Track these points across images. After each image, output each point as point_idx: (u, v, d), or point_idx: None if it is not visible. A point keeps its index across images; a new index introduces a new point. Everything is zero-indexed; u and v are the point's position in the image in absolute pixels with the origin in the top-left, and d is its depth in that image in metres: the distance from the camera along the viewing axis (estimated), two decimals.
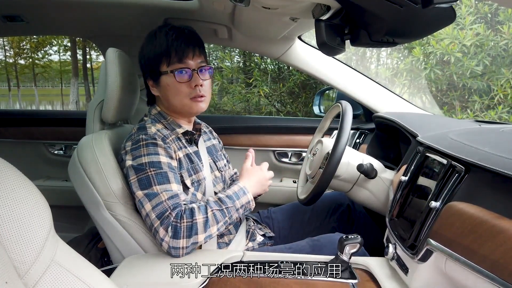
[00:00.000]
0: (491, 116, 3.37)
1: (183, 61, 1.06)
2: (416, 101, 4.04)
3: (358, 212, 1.37)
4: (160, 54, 1.06)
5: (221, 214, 0.99)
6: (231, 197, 1.03)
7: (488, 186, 0.68)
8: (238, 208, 1.03)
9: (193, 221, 0.95)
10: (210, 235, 0.98)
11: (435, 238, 0.72)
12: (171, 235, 0.94)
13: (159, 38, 1.07)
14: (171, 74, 1.06)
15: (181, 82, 1.07)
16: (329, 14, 0.90)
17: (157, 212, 0.96)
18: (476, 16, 3.53)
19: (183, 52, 1.06)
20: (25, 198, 0.52)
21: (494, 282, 0.56)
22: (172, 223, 0.94)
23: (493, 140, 0.98)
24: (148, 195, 0.98)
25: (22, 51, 22.39)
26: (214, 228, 0.98)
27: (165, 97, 1.11)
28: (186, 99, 1.09)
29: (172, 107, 1.13)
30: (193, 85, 1.08)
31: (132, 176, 1.01)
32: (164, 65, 1.07)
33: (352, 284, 0.87)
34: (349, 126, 1.10)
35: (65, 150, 2.12)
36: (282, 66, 5.20)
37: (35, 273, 0.51)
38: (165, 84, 1.08)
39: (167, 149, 1.04)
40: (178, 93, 1.08)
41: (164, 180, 0.99)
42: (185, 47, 1.06)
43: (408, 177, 0.96)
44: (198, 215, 0.96)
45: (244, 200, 1.05)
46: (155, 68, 1.08)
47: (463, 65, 3.50)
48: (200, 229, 0.95)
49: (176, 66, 1.06)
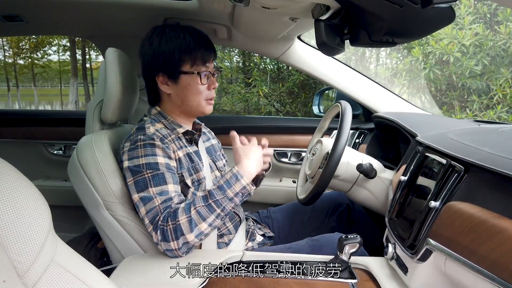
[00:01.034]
0: (490, 116, 3.37)
1: (206, 65, 1.10)
2: (416, 101, 4.05)
3: (357, 212, 1.37)
4: (185, 52, 1.06)
5: (208, 210, 0.95)
6: (222, 187, 0.98)
7: (487, 186, 0.68)
8: (232, 197, 0.98)
9: (176, 223, 0.93)
10: (201, 233, 0.95)
11: (434, 238, 0.72)
12: (160, 238, 0.94)
13: (184, 36, 1.06)
14: (196, 75, 1.08)
15: (203, 84, 1.10)
16: (328, 14, 0.90)
17: (150, 217, 0.96)
18: (475, 16, 3.53)
19: (207, 55, 1.09)
20: (24, 198, 0.52)
21: (494, 282, 0.57)
22: (159, 227, 0.94)
23: (492, 140, 0.98)
24: (143, 199, 0.98)
25: (21, 51, 22.38)
26: (203, 225, 0.94)
27: (182, 96, 1.11)
28: (203, 100, 1.12)
29: (184, 106, 1.13)
30: (211, 88, 1.12)
31: (129, 178, 1.01)
32: (187, 64, 1.07)
33: (351, 284, 0.87)
34: (348, 126, 1.10)
35: (65, 150, 2.12)
36: (282, 66, 5.20)
37: (34, 273, 0.51)
38: (186, 83, 1.09)
39: (165, 149, 1.04)
40: (197, 94, 1.10)
41: (161, 182, 0.99)
42: (208, 50, 1.10)
43: (407, 177, 0.96)
44: (181, 216, 0.94)
45: (238, 187, 0.99)
46: (175, 66, 1.07)
47: (462, 65, 3.50)
48: (185, 230, 0.93)
49: (201, 68, 1.09)
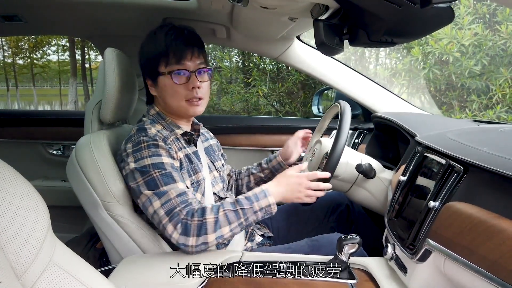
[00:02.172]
0: (489, 115, 3.38)
1: (181, 63, 1.05)
2: (415, 101, 4.05)
3: (357, 212, 1.37)
4: (159, 54, 1.05)
5: (235, 215, 0.96)
6: (250, 199, 0.99)
7: (486, 186, 0.68)
8: (257, 211, 0.98)
9: (203, 220, 0.94)
10: (221, 236, 0.95)
11: (433, 238, 0.71)
12: (180, 231, 0.94)
13: (159, 38, 1.06)
14: (168, 76, 1.06)
15: (179, 83, 1.06)
16: (327, 14, 0.90)
17: (166, 209, 0.96)
18: (475, 16, 3.53)
19: (181, 53, 1.05)
20: (22, 198, 0.51)
21: (493, 282, 0.56)
22: (182, 220, 0.94)
23: (492, 140, 0.98)
24: (157, 193, 0.98)
25: (20, 51, 22.36)
26: (226, 228, 0.95)
27: (162, 97, 1.11)
28: (182, 101, 1.08)
29: (168, 108, 1.13)
30: (190, 87, 1.07)
31: (139, 179, 1.00)
32: (162, 65, 1.06)
33: (350, 284, 0.87)
34: (348, 126, 1.10)
35: (63, 150, 2.12)
36: (281, 66, 5.20)
37: (32, 274, 0.51)
38: (163, 85, 1.08)
39: (169, 150, 1.04)
40: (174, 95, 1.08)
41: (170, 180, 0.99)
42: (184, 47, 1.05)
43: (407, 177, 0.96)
44: (209, 214, 0.95)
45: (264, 203, 0.98)
46: (153, 68, 1.08)
47: (461, 65, 3.51)
48: (209, 229, 0.93)
49: (173, 68, 1.05)
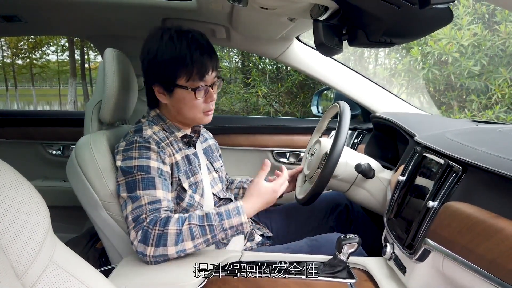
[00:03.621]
0: (488, 116, 3.38)
1: (204, 79, 1.04)
2: (414, 101, 4.05)
3: (356, 212, 1.38)
4: (181, 65, 1.01)
5: (200, 230, 0.92)
6: (221, 215, 0.95)
7: (485, 186, 0.68)
8: (226, 229, 0.94)
9: (164, 231, 0.90)
10: (183, 250, 0.91)
11: (432, 238, 0.72)
12: (139, 239, 0.91)
13: (179, 46, 1.00)
14: (190, 91, 1.04)
15: (199, 99, 1.06)
16: (327, 15, 0.90)
17: (134, 215, 0.95)
18: (474, 16, 3.54)
19: (205, 69, 1.03)
20: (23, 198, 0.51)
21: (491, 282, 0.57)
22: (144, 227, 0.92)
23: (491, 140, 0.98)
24: (131, 197, 0.97)
25: (20, 51, 22.32)
26: (189, 243, 0.91)
27: (177, 108, 1.09)
28: (199, 113, 1.09)
29: (181, 118, 1.12)
30: (208, 101, 1.09)
31: (120, 178, 1.01)
32: (183, 79, 1.03)
33: (350, 284, 0.87)
34: (347, 126, 1.10)
35: (63, 150, 2.12)
36: (281, 66, 5.20)
37: (33, 273, 0.51)
38: (181, 97, 1.06)
39: (160, 154, 1.03)
40: (193, 108, 1.07)
41: (149, 186, 0.98)
42: (207, 63, 1.03)
43: (406, 177, 0.96)
44: (172, 225, 0.91)
45: (236, 221, 0.95)
46: (170, 78, 1.03)
47: (460, 65, 3.51)
48: (170, 241, 0.90)
49: (196, 84, 1.03)
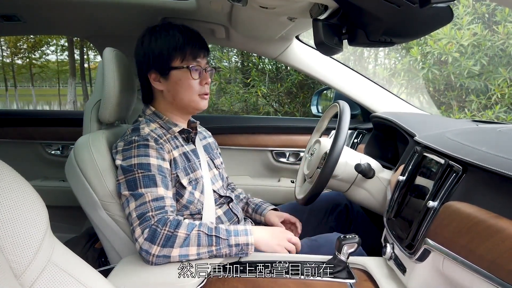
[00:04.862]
0: (488, 115, 3.38)
1: (197, 60, 1.11)
2: (414, 101, 4.05)
3: (356, 212, 1.37)
4: (175, 49, 1.08)
5: (207, 240, 0.94)
6: (229, 231, 0.97)
7: (485, 186, 0.68)
8: (232, 245, 0.95)
9: (174, 233, 0.92)
10: (186, 255, 0.92)
11: (432, 238, 0.72)
12: (146, 237, 0.91)
13: (174, 34, 1.09)
14: (186, 70, 1.09)
15: (194, 78, 1.10)
16: (326, 14, 0.90)
17: (139, 212, 0.95)
18: (474, 16, 3.54)
19: (197, 52, 1.11)
20: (21, 198, 0.51)
21: (492, 282, 0.56)
22: (152, 226, 0.92)
23: (491, 140, 0.98)
24: (133, 195, 0.98)
25: (19, 50, 22.32)
26: (193, 249, 0.92)
27: (174, 91, 1.12)
28: (195, 95, 1.12)
29: (177, 102, 1.13)
30: (203, 83, 1.13)
31: (121, 176, 1.01)
32: (177, 60, 1.09)
33: (350, 284, 0.87)
34: (347, 126, 1.10)
35: (62, 150, 2.11)
36: (280, 66, 5.20)
37: (31, 273, 0.50)
38: (176, 79, 1.10)
39: (159, 150, 1.04)
40: (189, 89, 1.11)
41: (150, 183, 0.98)
42: (198, 47, 1.11)
43: (405, 177, 0.96)
44: (183, 229, 0.93)
45: (243, 240, 0.96)
46: (166, 62, 1.09)
47: (460, 65, 3.51)
48: (177, 243, 0.91)
49: (191, 63, 1.10)
